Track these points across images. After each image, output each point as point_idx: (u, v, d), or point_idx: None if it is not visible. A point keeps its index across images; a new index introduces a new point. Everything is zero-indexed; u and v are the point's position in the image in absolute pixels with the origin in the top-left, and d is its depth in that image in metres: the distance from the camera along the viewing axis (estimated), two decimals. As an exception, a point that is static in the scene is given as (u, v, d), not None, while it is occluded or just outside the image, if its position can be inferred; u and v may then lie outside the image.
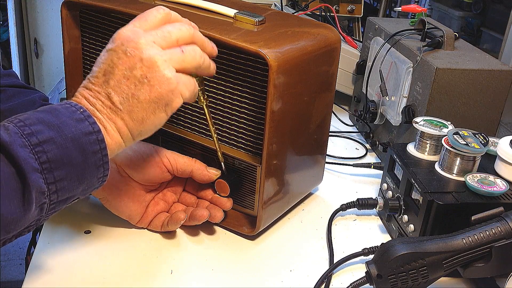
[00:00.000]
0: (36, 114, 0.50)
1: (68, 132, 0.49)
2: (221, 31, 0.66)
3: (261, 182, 0.69)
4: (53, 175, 0.48)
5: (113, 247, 0.70)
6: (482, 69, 0.82)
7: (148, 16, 0.58)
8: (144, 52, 0.55)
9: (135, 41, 0.55)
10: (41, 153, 0.47)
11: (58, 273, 0.65)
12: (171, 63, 0.56)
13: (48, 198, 0.49)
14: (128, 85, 0.54)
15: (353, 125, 1.12)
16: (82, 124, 0.51)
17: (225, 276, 0.68)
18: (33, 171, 0.47)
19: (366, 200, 0.80)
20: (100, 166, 0.52)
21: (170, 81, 0.55)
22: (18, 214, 0.47)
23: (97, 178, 0.53)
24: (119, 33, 0.56)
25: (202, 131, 0.75)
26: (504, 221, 0.59)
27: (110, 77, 0.54)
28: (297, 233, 0.77)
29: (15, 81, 0.78)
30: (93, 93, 0.54)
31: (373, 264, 0.59)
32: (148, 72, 0.54)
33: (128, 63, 0.54)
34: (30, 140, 0.47)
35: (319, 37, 0.73)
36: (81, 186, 0.52)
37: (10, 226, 0.47)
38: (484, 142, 0.70)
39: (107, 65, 0.55)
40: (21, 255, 2.02)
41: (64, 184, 0.50)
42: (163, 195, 0.75)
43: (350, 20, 1.56)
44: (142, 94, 0.55)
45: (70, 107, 0.52)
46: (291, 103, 0.69)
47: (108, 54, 0.55)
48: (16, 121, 0.49)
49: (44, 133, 0.48)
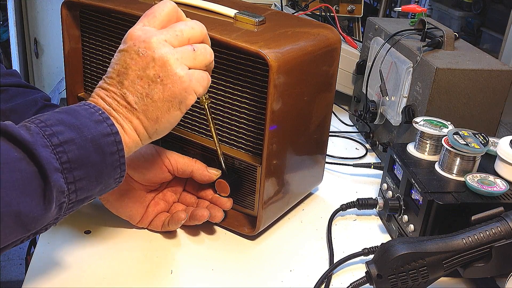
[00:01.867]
0: (56, 115, 0.51)
1: (88, 133, 0.50)
2: (221, 31, 0.66)
3: (261, 182, 0.69)
4: (72, 175, 0.49)
5: (113, 247, 0.70)
6: (482, 69, 0.82)
7: (156, 11, 0.58)
8: (156, 51, 0.55)
9: (146, 40, 0.55)
10: (62, 153, 0.48)
11: (58, 273, 0.65)
12: (183, 61, 0.56)
13: (67, 197, 0.50)
14: (142, 85, 0.55)
15: (353, 125, 1.12)
16: (100, 125, 0.52)
17: (225, 276, 0.68)
18: (55, 171, 0.48)
19: (366, 200, 0.80)
20: (117, 167, 0.53)
21: (182, 80, 0.56)
22: (39, 212, 0.48)
23: (113, 178, 0.54)
24: (130, 33, 0.56)
25: (202, 131, 0.75)
26: (504, 221, 0.59)
27: (124, 78, 0.55)
28: (297, 233, 0.77)
29: (18, 80, 0.78)
30: (109, 93, 0.55)
31: (373, 264, 0.59)
32: (160, 71, 0.55)
33: (141, 63, 0.55)
34: (52, 140, 0.48)
35: (319, 37, 0.73)
36: (99, 186, 0.53)
37: (31, 224, 0.48)
38: (484, 142, 0.70)
39: (121, 66, 0.55)
40: (21, 255, 2.02)
41: (83, 184, 0.51)
42: (163, 195, 0.75)
43: (350, 20, 1.56)
44: (156, 94, 0.55)
45: (88, 108, 0.53)
46: (291, 103, 0.69)
47: (121, 55, 0.56)
48: (38, 121, 0.50)
49: (64, 134, 0.49)
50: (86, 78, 0.83)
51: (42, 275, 0.64)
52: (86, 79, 0.83)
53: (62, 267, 0.66)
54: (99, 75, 0.81)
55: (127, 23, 0.74)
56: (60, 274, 0.65)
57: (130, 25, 0.73)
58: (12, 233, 0.47)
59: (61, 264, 0.66)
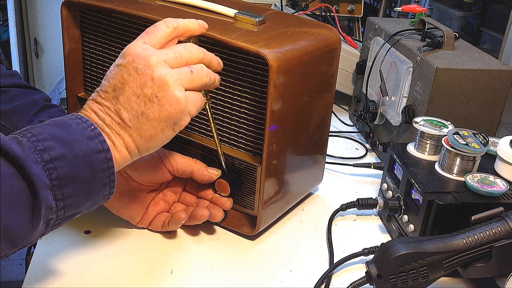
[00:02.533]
0: (48, 129, 0.50)
1: (79, 150, 0.50)
2: (221, 31, 0.66)
3: (261, 182, 0.69)
4: (62, 192, 0.49)
5: (113, 247, 0.70)
6: (482, 69, 0.82)
7: (157, 31, 0.57)
8: (156, 71, 0.55)
9: (146, 59, 0.55)
10: (52, 170, 0.48)
11: (58, 273, 0.65)
12: (180, 83, 0.56)
13: (55, 214, 0.50)
14: (138, 102, 0.55)
15: (353, 125, 1.12)
16: (92, 142, 0.51)
17: (225, 276, 0.68)
18: (44, 188, 0.47)
19: (366, 200, 0.80)
20: (107, 184, 0.53)
21: (180, 101, 0.56)
22: (27, 229, 0.47)
23: (102, 195, 0.54)
24: (129, 48, 0.56)
25: (202, 131, 0.75)
26: (504, 221, 0.59)
27: (120, 94, 0.55)
28: (297, 233, 0.77)
29: (18, 81, 0.78)
30: (103, 107, 0.55)
31: (373, 264, 0.59)
32: (158, 92, 0.55)
33: (139, 80, 0.54)
34: (43, 156, 0.48)
35: (319, 37, 0.73)
36: (87, 203, 0.52)
37: (18, 240, 0.47)
38: (484, 142, 0.70)
39: (117, 81, 0.55)
40: (21, 255, 2.01)
41: (72, 200, 0.50)
42: (163, 195, 0.75)
43: (350, 20, 1.56)
44: (152, 113, 0.55)
45: (81, 122, 0.52)
46: (291, 103, 0.69)
47: (119, 70, 0.55)
48: (29, 135, 0.49)
49: (56, 149, 0.49)
50: (86, 78, 0.83)
51: (42, 275, 0.64)
52: (86, 79, 0.83)
53: (62, 267, 0.66)
54: (99, 75, 0.81)
55: (127, 23, 0.74)
56: (60, 274, 0.65)
57: (130, 25, 0.74)
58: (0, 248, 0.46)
59: (61, 264, 0.66)
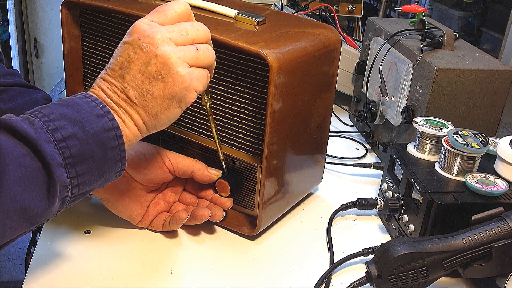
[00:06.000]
0: (59, 108, 0.51)
1: (90, 128, 0.51)
2: (221, 31, 0.66)
3: (261, 182, 0.69)
4: (75, 169, 0.50)
5: (113, 247, 0.70)
6: (482, 69, 0.82)
7: (167, 10, 0.57)
8: (159, 48, 0.55)
9: (151, 36, 0.55)
10: (65, 149, 0.49)
11: (58, 273, 0.65)
12: (185, 60, 0.56)
13: (70, 191, 0.51)
14: (143, 80, 0.55)
15: (353, 125, 1.12)
16: (102, 120, 0.52)
17: (225, 276, 0.68)
18: (58, 166, 0.48)
19: (366, 200, 0.80)
20: (118, 160, 0.54)
21: (183, 79, 0.56)
22: (43, 207, 0.48)
23: (114, 172, 0.55)
24: (136, 25, 0.56)
25: (203, 131, 0.75)
26: (504, 221, 0.59)
27: (126, 72, 0.55)
28: (297, 233, 0.77)
29: (19, 80, 0.78)
30: (110, 85, 0.56)
31: (373, 264, 0.59)
32: (162, 69, 0.55)
33: (144, 58, 0.55)
34: (55, 135, 0.49)
35: (319, 37, 0.73)
36: (100, 180, 0.54)
37: (35, 218, 0.49)
38: (484, 142, 0.70)
39: (124, 59, 0.56)
40: (21, 255, 2.02)
41: (85, 178, 0.51)
42: (163, 195, 0.75)
43: (350, 20, 1.56)
44: (157, 91, 0.56)
45: (90, 101, 0.53)
46: (291, 103, 0.69)
47: (125, 47, 0.56)
48: (40, 115, 0.50)
49: (67, 128, 0.50)
50: (86, 78, 0.83)
51: (42, 275, 0.64)
52: (86, 79, 0.83)
53: (62, 267, 0.66)
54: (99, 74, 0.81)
55: (127, 23, 0.74)
56: (60, 274, 0.65)
57: (130, 25, 0.74)
58: (18, 227, 0.48)
59: (61, 264, 0.66)
